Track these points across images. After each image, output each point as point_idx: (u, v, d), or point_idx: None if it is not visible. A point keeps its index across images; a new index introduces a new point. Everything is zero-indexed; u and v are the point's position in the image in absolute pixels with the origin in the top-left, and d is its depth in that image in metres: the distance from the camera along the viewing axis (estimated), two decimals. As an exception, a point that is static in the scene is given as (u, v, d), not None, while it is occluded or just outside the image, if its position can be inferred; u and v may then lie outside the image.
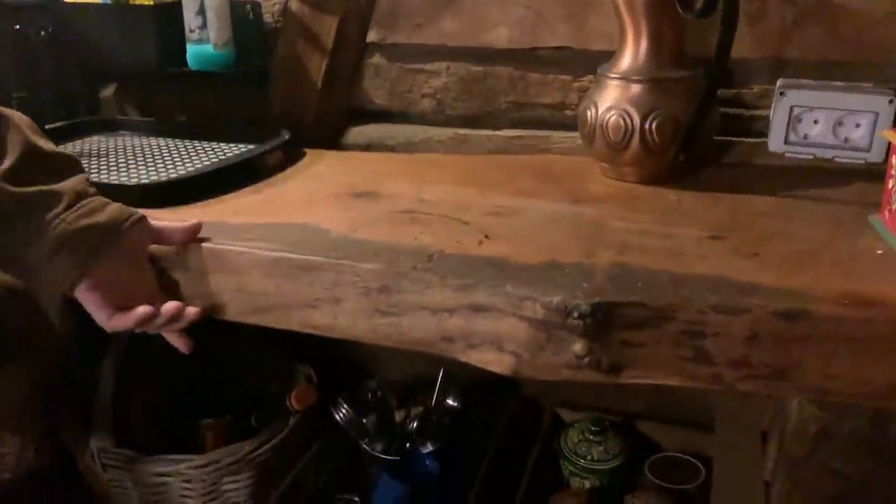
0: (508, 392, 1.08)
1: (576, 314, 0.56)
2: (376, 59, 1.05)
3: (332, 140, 1.09)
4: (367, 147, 1.08)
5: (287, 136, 1.00)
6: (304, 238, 0.73)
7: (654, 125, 0.81)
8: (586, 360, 0.56)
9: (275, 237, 0.73)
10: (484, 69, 1.01)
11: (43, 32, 1.14)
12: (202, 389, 1.18)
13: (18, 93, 0.98)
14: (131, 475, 0.93)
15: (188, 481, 0.92)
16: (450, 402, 1.00)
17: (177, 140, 1.07)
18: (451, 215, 0.78)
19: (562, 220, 0.76)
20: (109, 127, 1.14)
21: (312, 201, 0.85)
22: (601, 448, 1.04)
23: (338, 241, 0.72)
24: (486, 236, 0.71)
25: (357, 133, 1.09)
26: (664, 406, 1.08)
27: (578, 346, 0.56)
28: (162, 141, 1.07)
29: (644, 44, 0.83)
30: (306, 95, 1.06)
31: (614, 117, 0.83)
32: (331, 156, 1.04)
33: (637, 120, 0.82)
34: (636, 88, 0.82)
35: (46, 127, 1.02)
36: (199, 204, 0.84)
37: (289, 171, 0.97)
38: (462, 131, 1.04)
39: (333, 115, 1.08)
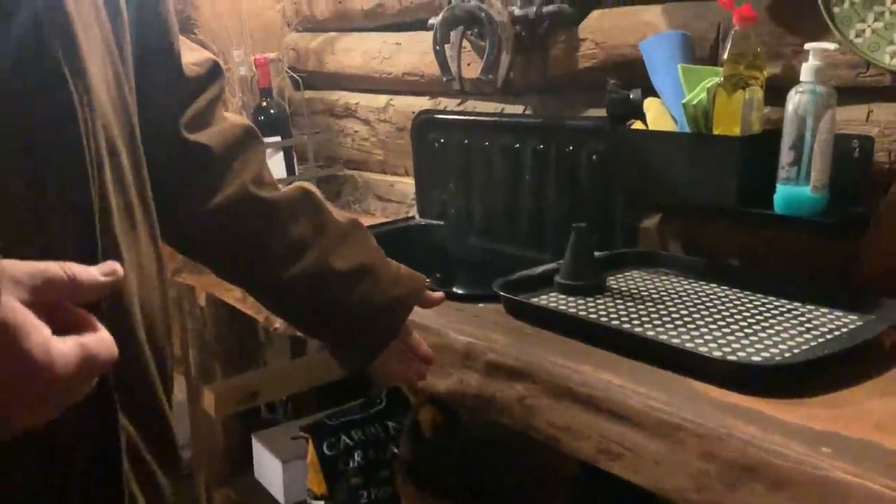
0: None
1: None
2: None
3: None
4: None
5: (901, 309, 0.77)
6: None
7: None
8: None
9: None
10: None
11: (594, 156, 1.10)
12: None
13: (577, 223, 0.91)
14: None
15: None
16: None
17: (732, 289, 0.91)
18: None
19: None
20: (648, 261, 1.03)
21: None
22: None
23: None
24: None
25: None
26: None
27: None
28: (715, 288, 0.92)
29: None
30: (920, 255, 0.81)
31: None
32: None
33: None
34: None
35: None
36: (812, 400, 0.64)
37: (905, 360, 0.72)
38: None
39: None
